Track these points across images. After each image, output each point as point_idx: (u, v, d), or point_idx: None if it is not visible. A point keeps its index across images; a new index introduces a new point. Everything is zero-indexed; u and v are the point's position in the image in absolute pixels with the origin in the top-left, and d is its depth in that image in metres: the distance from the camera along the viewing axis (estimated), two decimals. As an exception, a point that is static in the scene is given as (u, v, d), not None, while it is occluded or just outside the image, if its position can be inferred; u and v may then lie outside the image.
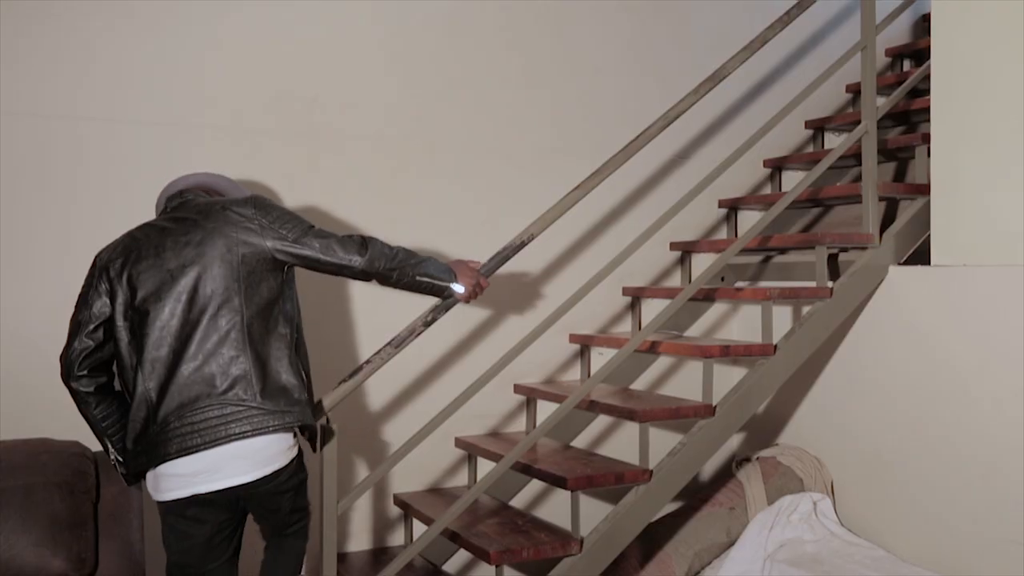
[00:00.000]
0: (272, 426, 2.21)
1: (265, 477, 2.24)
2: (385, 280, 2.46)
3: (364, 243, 2.40)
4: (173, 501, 2.24)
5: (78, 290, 2.99)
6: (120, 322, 2.26)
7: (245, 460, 2.21)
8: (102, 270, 2.33)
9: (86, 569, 2.50)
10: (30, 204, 2.96)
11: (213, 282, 2.23)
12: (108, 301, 2.28)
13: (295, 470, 2.35)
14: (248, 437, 2.19)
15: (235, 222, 2.29)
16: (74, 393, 2.31)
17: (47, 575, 2.43)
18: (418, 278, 2.49)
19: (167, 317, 2.22)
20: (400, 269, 2.44)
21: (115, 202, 3.06)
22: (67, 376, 2.30)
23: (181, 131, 3.15)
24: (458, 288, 2.57)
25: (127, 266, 2.29)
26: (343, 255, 2.36)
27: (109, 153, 3.06)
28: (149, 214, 3.11)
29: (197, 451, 2.18)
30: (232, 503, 2.30)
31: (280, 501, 2.36)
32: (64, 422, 2.87)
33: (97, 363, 2.30)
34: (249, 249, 2.27)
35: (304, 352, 2.42)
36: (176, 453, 2.18)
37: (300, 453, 2.37)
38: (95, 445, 2.78)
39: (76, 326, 2.30)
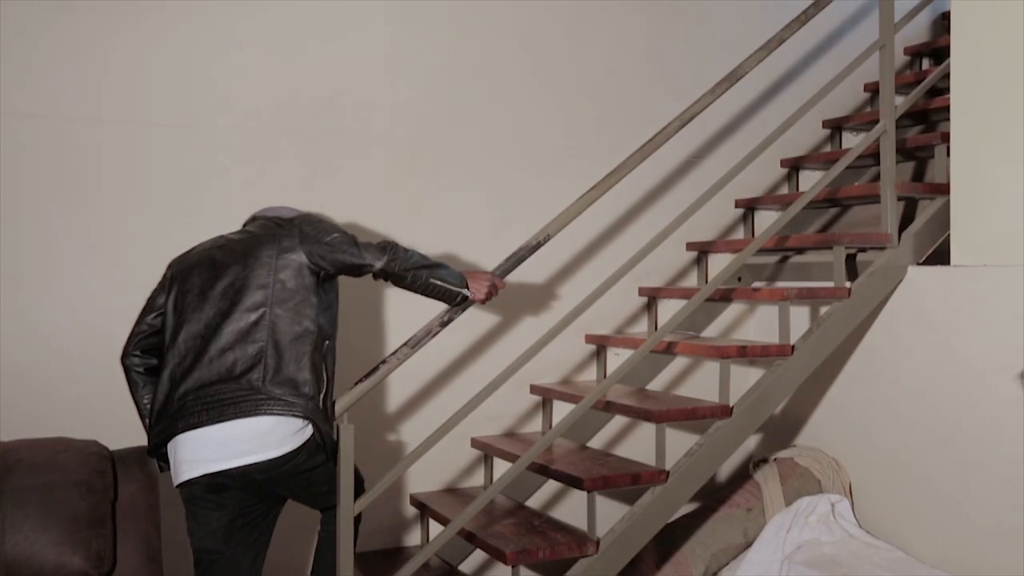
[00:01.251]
0: (274, 410, 2.32)
1: (276, 459, 2.34)
2: (399, 281, 2.58)
3: (384, 248, 2.53)
4: (190, 486, 2.38)
5: (99, 291, 3.05)
6: (169, 309, 2.49)
7: (252, 441, 2.32)
8: (169, 266, 2.59)
9: (104, 567, 2.51)
10: (51, 206, 2.98)
11: (251, 280, 2.43)
12: (167, 292, 2.52)
13: (312, 451, 2.42)
14: (249, 416, 2.31)
15: (281, 234, 2.50)
16: (125, 371, 2.54)
17: (66, 573, 2.44)
18: (431, 281, 2.59)
19: (206, 307, 2.43)
20: (414, 272, 2.56)
21: (136, 203, 3.09)
22: (122, 355, 2.54)
23: (199, 133, 3.17)
24: (469, 294, 2.67)
25: (185, 261, 2.56)
26: (365, 257, 2.50)
27: (129, 155, 3.08)
28: (168, 215, 3.14)
29: (202, 427, 2.32)
30: (250, 487, 2.41)
31: (310, 479, 2.48)
32: (83, 421, 2.91)
33: (149, 347, 2.53)
34: (288, 253, 2.46)
35: (331, 359, 2.50)
36: (183, 428, 2.33)
37: (317, 435, 2.42)
38: (113, 444, 2.81)
39: (140, 312, 2.55)
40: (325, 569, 2.70)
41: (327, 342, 2.48)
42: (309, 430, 2.41)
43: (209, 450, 2.33)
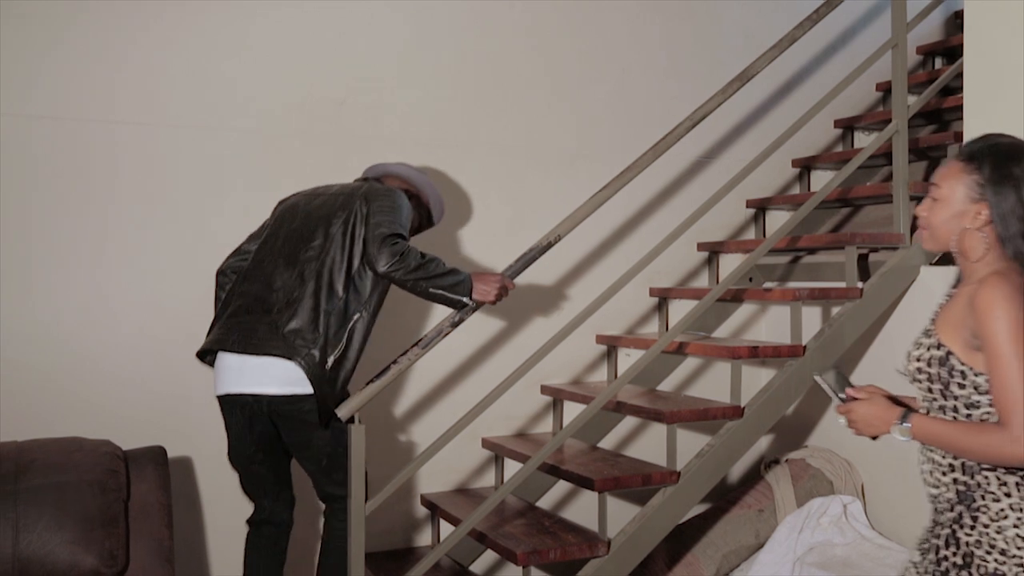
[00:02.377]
0: (278, 352, 2.52)
1: (281, 396, 2.54)
2: (402, 286, 2.60)
3: (396, 253, 2.54)
4: (219, 398, 2.67)
5: (112, 292, 3.07)
6: (258, 239, 2.79)
7: (264, 375, 2.55)
8: (279, 203, 2.87)
9: (117, 566, 2.52)
10: (65, 207, 3.00)
11: (318, 238, 2.64)
12: (268, 225, 2.82)
13: (323, 408, 2.56)
14: (260, 354, 2.54)
15: (359, 203, 2.66)
16: (216, 280, 2.82)
17: (79, 572, 2.46)
18: (430, 290, 2.60)
19: (279, 249, 2.69)
20: (414, 281, 2.57)
21: (149, 204, 3.10)
22: (220, 266, 2.83)
23: (212, 134, 3.18)
24: (470, 303, 2.67)
25: (287, 202, 2.83)
26: (378, 256, 2.55)
27: (142, 156, 3.10)
28: (181, 216, 3.15)
29: (230, 351, 2.59)
30: (261, 415, 2.61)
31: (309, 435, 2.61)
32: (96, 421, 2.93)
33: (239, 269, 2.79)
34: (353, 221, 2.64)
35: (359, 334, 2.61)
36: (219, 347, 2.62)
37: (316, 394, 2.54)
38: (126, 444, 2.83)
39: (248, 237, 2.84)
40: (331, 570, 2.71)
41: (357, 315, 2.60)
42: (303, 382, 2.54)
43: (232, 373, 2.60)
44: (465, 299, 2.66)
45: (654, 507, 2.92)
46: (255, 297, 2.64)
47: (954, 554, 1.67)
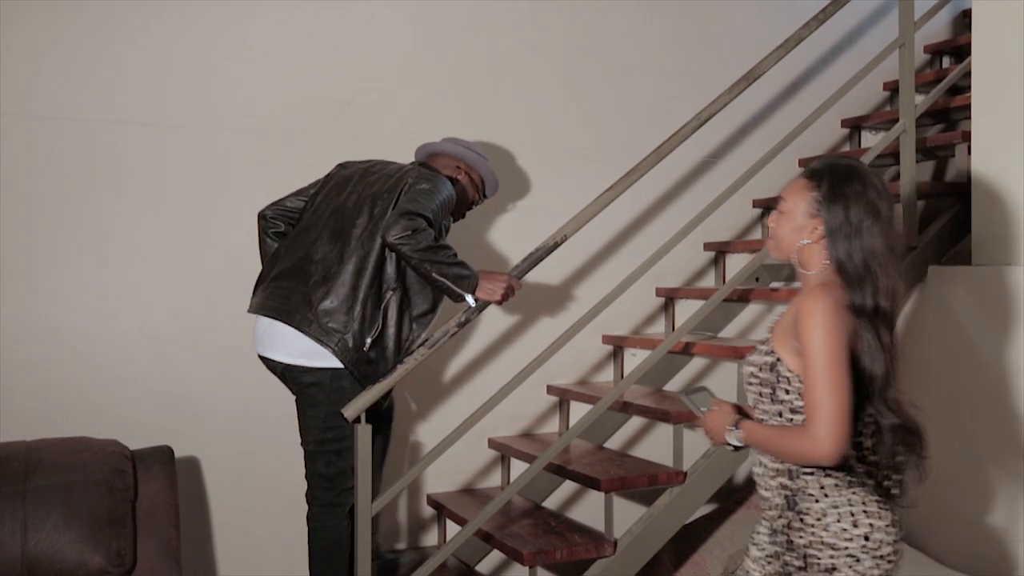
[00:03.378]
0: (304, 329, 2.58)
1: (296, 366, 2.63)
2: (407, 262, 2.61)
3: (409, 227, 2.54)
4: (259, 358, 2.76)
5: (119, 291, 3.09)
6: (311, 204, 2.82)
7: (286, 343, 2.62)
8: (337, 166, 2.92)
9: (125, 566, 2.53)
10: (70, 207, 3.01)
11: (368, 216, 2.67)
12: (320, 188, 2.85)
13: (331, 386, 2.61)
14: (288, 324, 2.60)
15: (401, 185, 2.70)
16: (258, 224, 2.87)
17: (87, 571, 2.47)
18: (433, 275, 2.60)
19: (327, 221, 2.72)
20: (419, 258, 2.56)
21: (153, 204, 3.11)
22: (262, 209, 2.87)
23: (216, 134, 3.19)
24: (471, 300, 2.66)
25: (344, 170, 2.87)
26: (392, 225, 2.55)
27: (147, 156, 3.11)
28: (186, 217, 3.16)
29: (263, 314, 2.67)
30: (283, 378, 2.72)
31: (313, 408, 2.65)
32: (103, 421, 2.93)
33: (279, 215, 2.85)
34: (392, 202, 2.66)
35: (394, 310, 2.66)
36: (257, 309, 2.70)
37: (347, 370, 2.60)
38: (133, 444, 2.83)
39: (297, 190, 2.89)
40: (329, 571, 2.67)
41: (389, 294, 2.64)
42: (334, 364, 2.59)
43: (262, 336, 2.68)
44: (468, 295, 2.65)
45: (661, 507, 2.92)
46: (295, 265, 2.68)
47: (795, 558, 1.80)
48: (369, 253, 2.62)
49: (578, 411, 3.54)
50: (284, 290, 2.65)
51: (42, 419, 2.89)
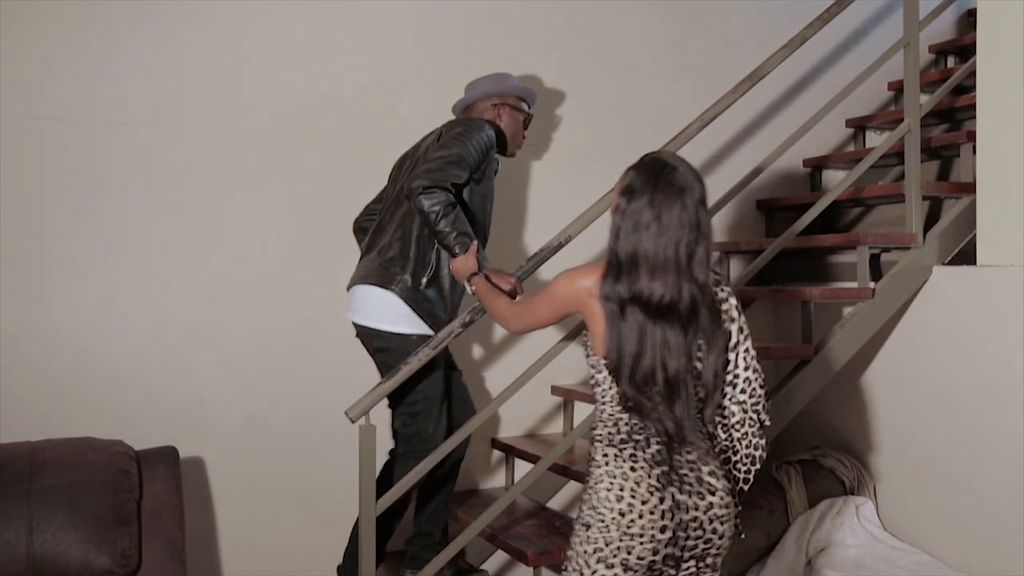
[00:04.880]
0: (374, 282, 2.75)
1: (365, 327, 2.79)
2: (420, 214, 2.67)
3: (428, 184, 2.62)
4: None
5: (124, 292, 3.09)
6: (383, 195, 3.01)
7: (358, 303, 2.80)
8: None
9: (130, 566, 2.54)
10: (76, 208, 3.02)
11: (409, 173, 2.82)
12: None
13: (398, 351, 2.72)
14: (361, 283, 2.78)
15: (437, 138, 2.83)
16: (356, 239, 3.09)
17: (92, 572, 2.47)
18: (436, 228, 2.64)
19: (392, 195, 2.89)
20: (429, 209, 2.63)
21: (159, 205, 3.12)
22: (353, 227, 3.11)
23: (222, 134, 3.19)
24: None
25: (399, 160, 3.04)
26: (419, 175, 2.64)
27: (153, 157, 3.11)
28: (192, 217, 3.17)
29: (351, 283, 2.85)
30: (362, 343, 2.87)
31: (384, 368, 2.78)
32: (108, 422, 2.94)
33: (365, 217, 3.07)
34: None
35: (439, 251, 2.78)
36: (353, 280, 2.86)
37: (414, 345, 2.70)
38: (138, 444, 2.84)
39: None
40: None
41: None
42: (400, 327, 2.73)
43: (349, 304, 2.85)
44: (455, 250, 2.66)
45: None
46: (371, 242, 2.87)
47: (580, 511, 2.00)
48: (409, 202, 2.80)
49: (582, 411, 3.54)
50: (363, 262, 2.87)
51: (47, 420, 2.89)
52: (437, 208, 2.62)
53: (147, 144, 3.10)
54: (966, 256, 3.40)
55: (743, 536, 2.08)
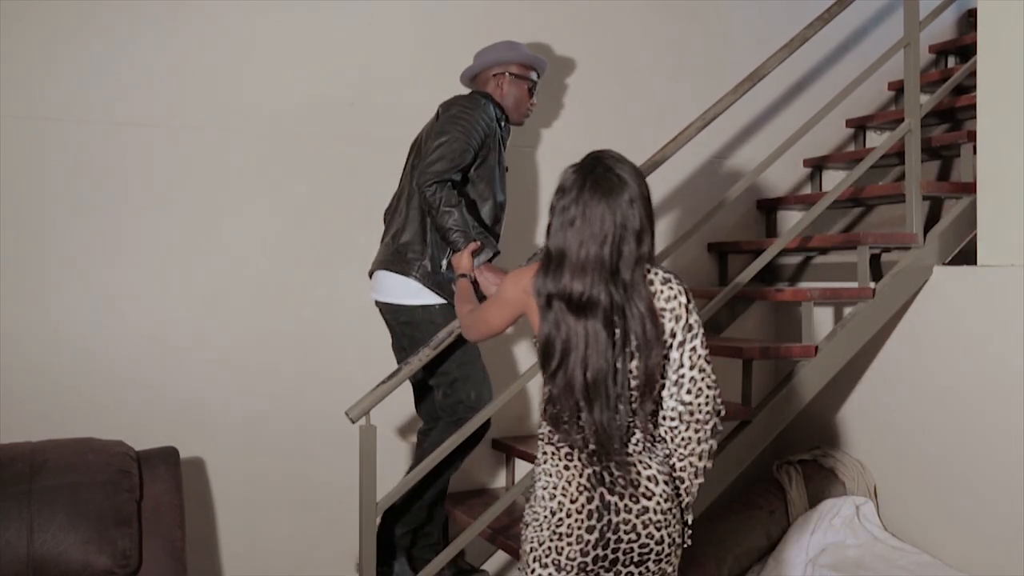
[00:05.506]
0: (394, 269, 2.84)
1: (389, 303, 2.89)
2: (424, 204, 2.76)
3: (432, 180, 2.71)
4: None
5: (124, 292, 3.09)
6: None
7: (380, 284, 2.91)
8: None
9: (130, 566, 2.54)
10: (76, 209, 3.02)
11: (417, 155, 2.90)
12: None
13: (424, 321, 2.81)
14: (380, 269, 2.90)
15: (435, 116, 2.92)
16: None
17: (93, 572, 2.47)
18: (438, 221, 2.72)
19: (405, 173, 2.99)
20: (430, 199, 2.72)
21: (159, 205, 3.12)
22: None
23: (223, 136, 3.19)
24: (461, 246, 2.72)
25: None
26: (426, 171, 2.73)
27: (153, 158, 3.11)
28: (192, 218, 3.17)
29: (370, 276, 2.99)
30: (385, 322, 2.97)
31: (411, 341, 2.86)
32: (108, 422, 2.94)
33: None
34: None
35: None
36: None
37: (439, 313, 2.80)
38: (138, 444, 2.84)
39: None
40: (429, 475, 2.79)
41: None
42: (422, 298, 2.80)
43: (372, 287, 2.96)
44: (459, 243, 2.71)
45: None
46: (387, 226, 2.97)
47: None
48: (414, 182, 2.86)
49: (583, 412, 3.53)
50: (381, 247, 2.95)
51: (47, 420, 2.89)
52: (439, 205, 2.69)
53: (147, 144, 3.10)
54: (966, 256, 3.40)
55: (687, 545, 2.00)
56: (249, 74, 3.24)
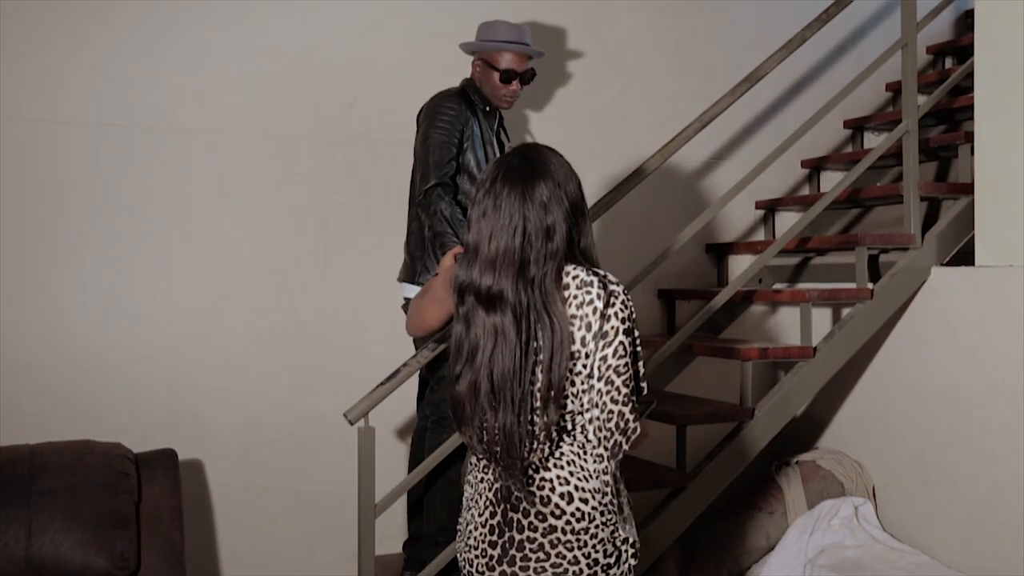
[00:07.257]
0: (405, 279, 2.91)
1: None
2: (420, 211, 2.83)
3: (424, 189, 2.78)
4: None
5: (123, 295, 3.08)
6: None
7: (400, 295, 2.95)
8: None
9: (129, 568, 2.53)
10: (76, 211, 3.01)
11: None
12: None
13: None
14: (400, 281, 2.95)
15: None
16: None
17: (91, 574, 2.47)
18: (430, 231, 2.77)
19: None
20: (423, 211, 2.78)
21: (159, 208, 3.11)
22: None
23: (223, 137, 3.19)
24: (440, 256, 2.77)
25: None
26: (415, 180, 2.83)
27: (152, 160, 3.11)
28: (193, 218, 3.16)
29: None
30: None
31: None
32: (107, 424, 2.93)
33: None
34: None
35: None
36: None
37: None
38: (137, 447, 2.84)
39: None
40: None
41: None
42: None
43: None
44: (440, 251, 2.76)
45: (665, 509, 2.91)
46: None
47: None
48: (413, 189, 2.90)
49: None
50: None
51: (46, 422, 2.89)
52: (428, 215, 2.77)
53: (147, 145, 3.10)
54: (964, 257, 3.41)
55: (632, 564, 1.81)
56: (249, 75, 3.24)
